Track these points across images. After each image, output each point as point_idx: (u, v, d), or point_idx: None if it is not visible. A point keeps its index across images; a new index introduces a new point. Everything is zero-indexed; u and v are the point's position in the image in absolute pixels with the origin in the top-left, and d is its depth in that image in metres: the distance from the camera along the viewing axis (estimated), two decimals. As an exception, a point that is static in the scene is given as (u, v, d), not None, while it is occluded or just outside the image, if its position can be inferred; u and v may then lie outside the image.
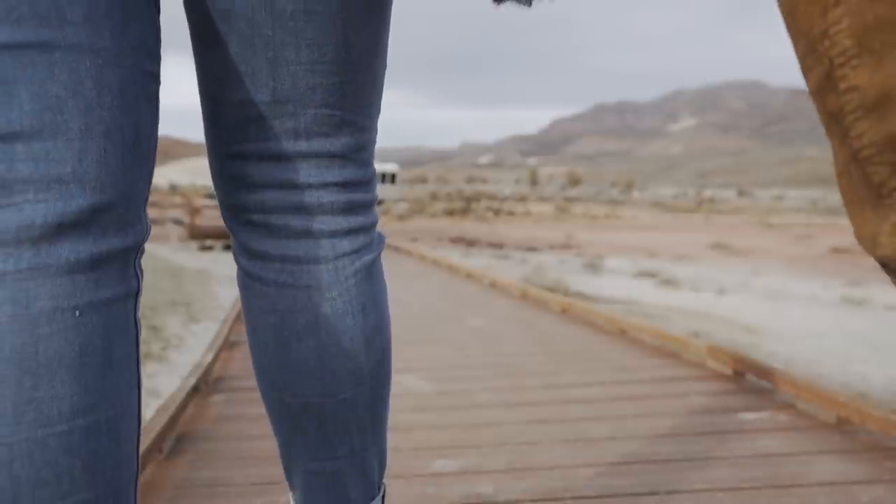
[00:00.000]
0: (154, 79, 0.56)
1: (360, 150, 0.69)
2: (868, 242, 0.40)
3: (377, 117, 0.71)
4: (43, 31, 0.48)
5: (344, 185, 0.68)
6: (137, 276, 0.57)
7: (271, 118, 0.64)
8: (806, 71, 0.42)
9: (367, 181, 0.71)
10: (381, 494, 0.81)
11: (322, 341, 0.69)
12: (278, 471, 1.56)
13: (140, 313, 0.58)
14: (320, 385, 0.70)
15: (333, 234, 0.69)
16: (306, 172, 0.66)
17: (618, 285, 8.29)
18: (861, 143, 0.38)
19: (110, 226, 0.52)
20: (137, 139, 0.54)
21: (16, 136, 0.48)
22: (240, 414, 2.01)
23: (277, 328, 0.69)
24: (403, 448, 1.68)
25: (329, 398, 0.70)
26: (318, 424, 0.72)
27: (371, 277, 0.72)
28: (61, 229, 0.49)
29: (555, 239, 17.25)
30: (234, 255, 0.73)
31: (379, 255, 0.74)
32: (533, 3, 0.66)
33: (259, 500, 1.41)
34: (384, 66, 0.70)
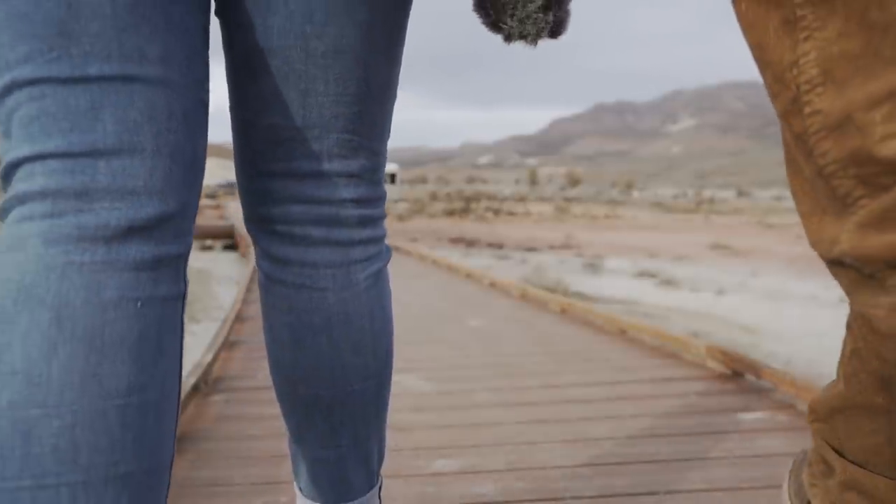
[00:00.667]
0: (206, 108, 0.66)
1: (373, 172, 0.78)
2: (826, 244, 0.45)
3: (387, 143, 0.81)
4: (127, 66, 0.58)
5: (358, 202, 0.77)
6: (185, 280, 0.65)
7: (298, 141, 0.73)
8: (773, 96, 0.47)
9: (378, 198, 0.80)
10: (378, 485, 0.88)
11: (334, 338, 0.77)
12: (278, 471, 1.56)
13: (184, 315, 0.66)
14: (330, 379, 0.78)
15: (348, 244, 0.77)
16: (327, 190, 0.75)
17: (617, 285, 8.30)
18: (825, 160, 0.43)
19: (169, 233, 0.61)
20: (195, 159, 0.64)
21: (99, 153, 0.58)
22: (240, 414, 2.01)
23: (294, 326, 0.77)
24: (403, 448, 1.68)
25: (338, 391, 0.78)
26: (327, 414, 0.80)
27: (379, 284, 0.81)
28: (130, 232, 0.59)
29: (554, 239, 17.25)
30: (257, 260, 0.81)
31: (386, 264, 0.83)
32: (538, 42, 0.75)
33: (259, 500, 1.41)
34: (394, 98, 0.80)
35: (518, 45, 0.75)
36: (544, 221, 26.50)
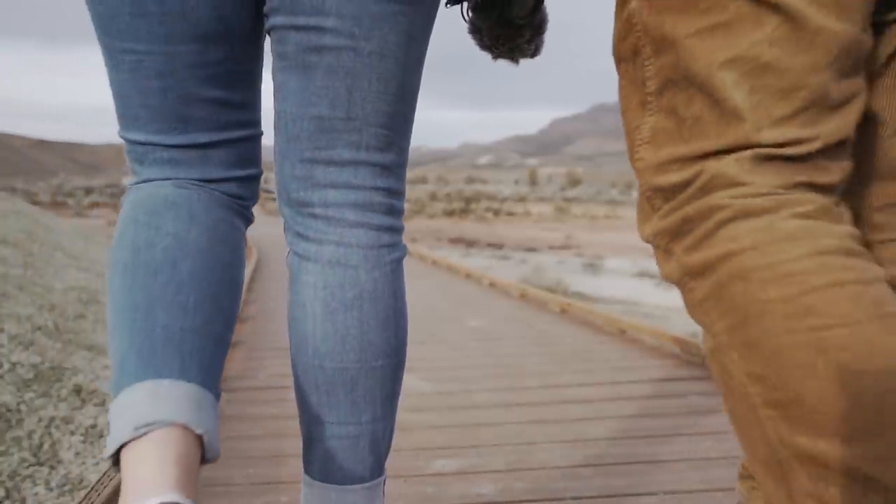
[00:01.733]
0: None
1: (400, 167, 0.88)
2: (646, 235, 0.75)
3: (407, 150, 0.90)
4: (221, 135, 0.87)
5: (388, 191, 0.87)
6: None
7: (341, 131, 0.82)
8: (627, 145, 0.77)
9: (402, 192, 0.90)
10: (384, 479, 0.90)
11: (364, 313, 0.84)
12: (278, 471, 1.56)
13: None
14: (358, 351, 0.85)
15: (379, 228, 0.86)
16: (363, 177, 0.84)
17: (617, 285, 8.30)
18: (643, 187, 0.74)
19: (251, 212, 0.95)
20: (259, 168, 0.96)
21: (206, 181, 0.87)
22: (240, 414, 2.01)
23: (327, 301, 0.84)
24: (403, 448, 1.68)
25: (363, 365, 0.85)
26: (351, 389, 0.85)
27: (400, 270, 0.90)
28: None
29: (554, 239, 17.25)
30: (290, 242, 0.88)
31: (404, 256, 0.92)
32: (519, 61, 0.97)
33: (259, 500, 1.41)
34: (419, 88, 0.89)
35: None
36: (544, 222, 26.50)
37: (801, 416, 0.61)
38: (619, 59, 0.81)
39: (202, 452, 0.67)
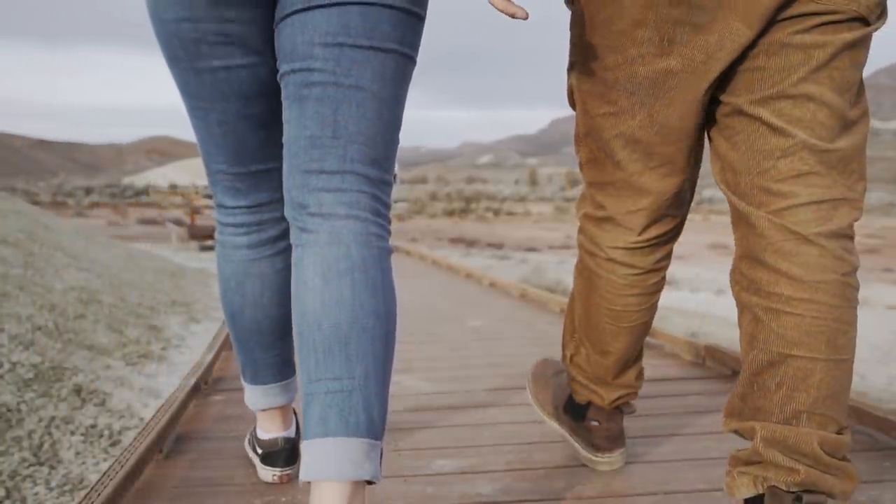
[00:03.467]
0: None
1: (384, 184, 1.09)
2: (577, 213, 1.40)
3: (394, 167, 1.11)
4: (266, 164, 1.28)
5: (373, 196, 1.07)
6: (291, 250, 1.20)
7: (329, 147, 1.04)
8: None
9: (387, 203, 1.10)
10: (380, 446, 1.01)
11: (355, 280, 1.01)
12: (278, 471, 1.55)
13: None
14: (350, 311, 1.00)
15: (366, 220, 1.05)
16: (349, 183, 1.04)
17: (617, 285, 8.25)
18: (585, 189, 1.36)
19: (288, 235, 1.21)
20: None
21: (261, 204, 1.32)
22: (240, 414, 2.01)
23: (324, 272, 1.01)
24: (403, 448, 1.68)
25: (355, 323, 1.00)
26: (344, 344, 0.99)
27: (387, 257, 1.07)
28: (279, 237, 1.38)
29: (554, 239, 17.24)
30: (294, 238, 1.07)
31: (390, 251, 1.08)
32: None
33: (259, 499, 1.41)
34: (399, 130, 1.10)
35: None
36: (544, 221, 26.49)
37: (585, 324, 1.46)
38: (569, 103, 1.31)
39: None
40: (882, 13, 1.04)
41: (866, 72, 1.10)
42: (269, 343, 1.40)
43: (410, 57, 1.07)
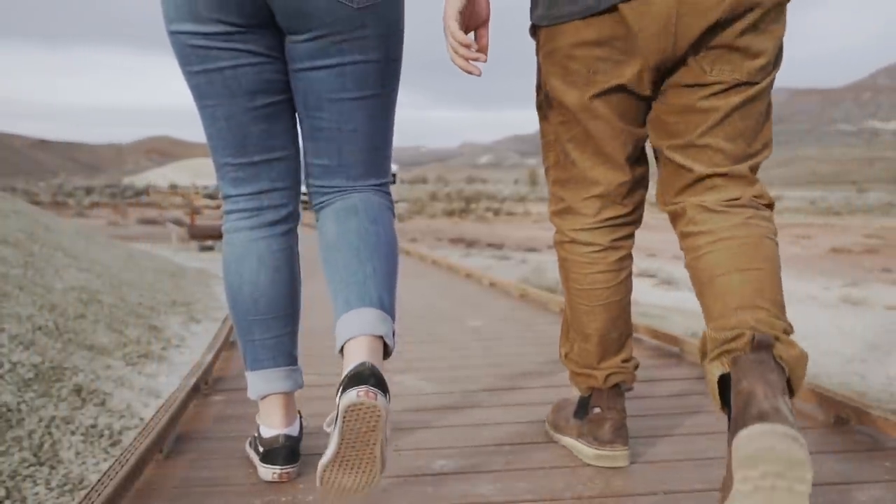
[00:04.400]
0: (300, 159, 1.59)
1: (383, 183, 1.52)
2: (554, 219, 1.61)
3: (390, 164, 1.54)
4: (271, 154, 1.50)
5: (374, 191, 1.50)
6: (297, 235, 1.62)
7: (336, 172, 1.46)
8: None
9: (387, 191, 1.55)
10: (391, 324, 1.33)
11: (360, 217, 1.43)
12: (278, 471, 1.55)
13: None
14: (357, 234, 1.40)
15: (369, 191, 1.49)
16: (356, 189, 1.48)
17: (617, 285, 8.25)
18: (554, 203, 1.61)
19: (291, 219, 1.58)
20: (300, 187, 1.60)
21: (262, 192, 1.51)
22: (240, 414, 2.01)
23: (338, 218, 1.43)
24: (403, 448, 1.68)
25: (364, 240, 1.39)
26: (357, 251, 1.38)
27: (388, 212, 1.49)
28: (278, 221, 1.57)
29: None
30: (297, 227, 1.57)
31: (393, 212, 1.52)
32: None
33: (259, 500, 1.41)
34: (392, 139, 1.50)
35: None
36: (544, 221, 26.48)
37: (570, 314, 1.62)
38: (538, 115, 1.58)
39: None
40: (775, 64, 1.33)
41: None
42: (266, 324, 1.50)
43: (393, 89, 1.44)
